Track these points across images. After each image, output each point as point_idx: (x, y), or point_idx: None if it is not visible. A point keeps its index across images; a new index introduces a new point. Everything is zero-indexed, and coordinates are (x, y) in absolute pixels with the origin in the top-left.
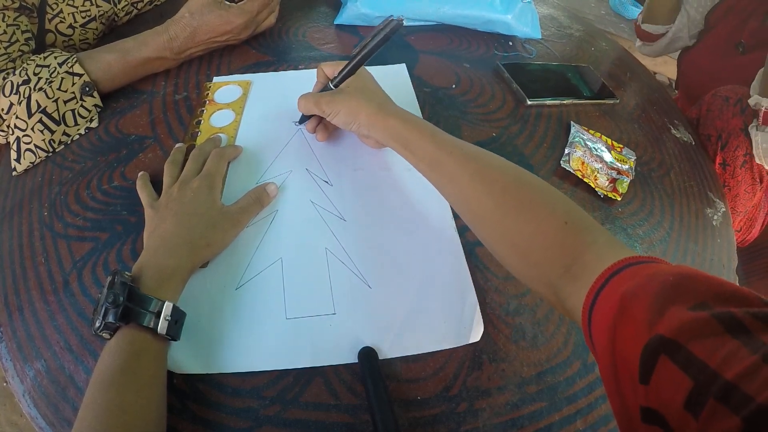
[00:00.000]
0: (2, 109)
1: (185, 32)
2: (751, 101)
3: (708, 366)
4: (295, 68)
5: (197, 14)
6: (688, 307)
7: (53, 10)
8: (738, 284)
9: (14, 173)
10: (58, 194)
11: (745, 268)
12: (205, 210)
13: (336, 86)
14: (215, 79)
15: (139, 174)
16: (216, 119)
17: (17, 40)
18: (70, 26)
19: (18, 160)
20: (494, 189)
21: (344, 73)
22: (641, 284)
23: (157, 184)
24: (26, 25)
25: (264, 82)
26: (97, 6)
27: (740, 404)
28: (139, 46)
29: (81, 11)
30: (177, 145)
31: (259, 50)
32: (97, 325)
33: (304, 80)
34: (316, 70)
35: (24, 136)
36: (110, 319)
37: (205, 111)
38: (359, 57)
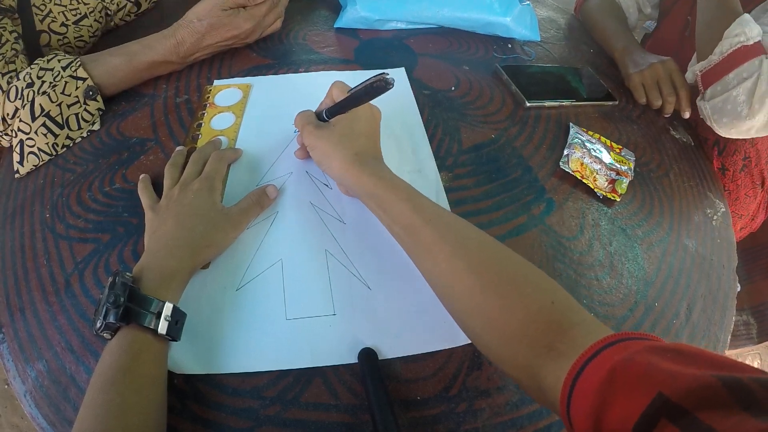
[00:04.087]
0: (7, 114)
1: (193, 37)
2: (688, 75)
3: (715, 429)
4: (295, 71)
5: (205, 20)
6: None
7: (42, 11)
8: (739, 285)
9: (17, 175)
10: (60, 196)
11: (747, 268)
12: (205, 211)
13: (328, 118)
14: (216, 82)
15: (140, 177)
16: (216, 122)
17: (8, 40)
18: (63, 24)
19: (21, 162)
20: (474, 263)
21: (334, 109)
22: (637, 353)
23: (158, 187)
24: (11, 26)
25: (264, 86)
26: (85, 3)
27: None
28: (145, 50)
29: (70, 9)
30: (178, 148)
31: (260, 53)
32: (98, 325)
33: (303, 84)
34: (316, 73)
35: (27, 139)
36: (111, 319)
37: (205, 114)
38: (343, 102)
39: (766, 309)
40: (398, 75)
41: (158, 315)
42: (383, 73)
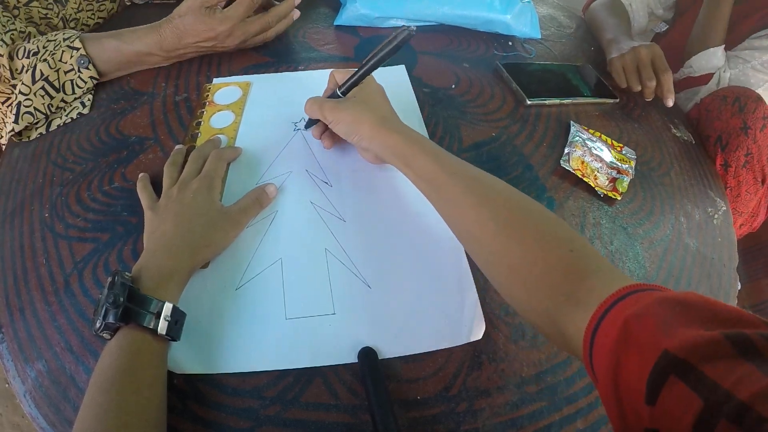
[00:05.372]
0: (16, 69)
1: (173, 33)
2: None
3: (720, 386)
4: (295, 69)
5: (184, 18)
6: (698, 328)
7: None
8: (740, 284)
9: (11, 134)
10: (59, 195)
11: (747, 267)
12: (204, 211)
13: (344, 94)
14: (215, 80)
15: (140, 176)
16: (216, 120)
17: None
18: (15, 7)
19: (16, 121)
20: (498, 213)
21: (352, 81)
22: (647, 306)
23: (157, 186)
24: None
25: (264, 84)
26: None
27: (754, 426)
28: (133, 39)
29: None
30: (177, 147)
31: (259, 51)
32: (98, 325)
33: (303, 81)
34: (316, 71)
35: (26, 99)
36: (110, 319)
37: (205, 112)
38: (368, 66)
39: (767, 308)
40: (398, 72)
41: (158, 315)
42: (402, 27)
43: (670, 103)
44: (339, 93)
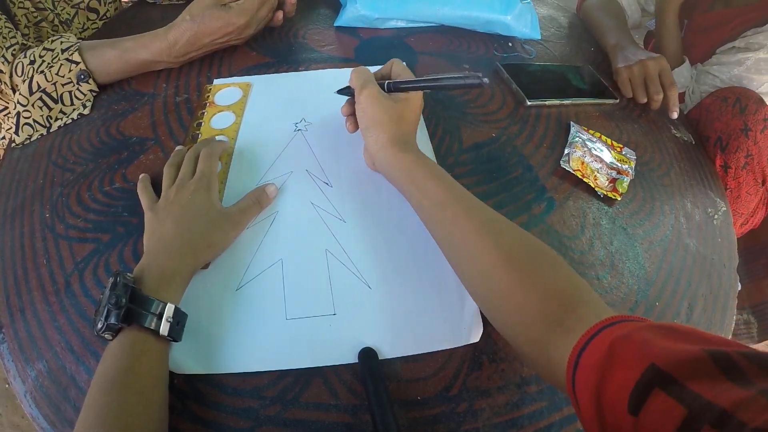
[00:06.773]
0: (16, 85)
1: (185, 36)
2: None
3: (703, 397)
4: (296, 70)
5: (198, 17)
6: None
7: None
8: (740, 285)
9: (13, 145)
10: (59, 196)
11: (747, 267)
12: (204, 211)
13: (389, 89)
14: (215, 81)
15: (140, 177)
16: (216, 121)
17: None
18: (26, 26)
19: (17, 132)
20: (499, 240)
21: (403, 86)
22: (633, 330)
23: (158, 186)
24: None
25: (264, 84)
26: None
27: (736, 431)
28: (138, 48)
29: None
30: (177, 148)
31: (260, 52)
32: (100, 326)
33: (303, 82)
34: (316, 72)
35: (24, 111)
36: (112, 320)
37: (205, 113)
38: (425, 83)
39: (767, 308)
40: None
41: (159, 316)
42: (479, 74)
43: (675, 115)
44: (386, 84)
